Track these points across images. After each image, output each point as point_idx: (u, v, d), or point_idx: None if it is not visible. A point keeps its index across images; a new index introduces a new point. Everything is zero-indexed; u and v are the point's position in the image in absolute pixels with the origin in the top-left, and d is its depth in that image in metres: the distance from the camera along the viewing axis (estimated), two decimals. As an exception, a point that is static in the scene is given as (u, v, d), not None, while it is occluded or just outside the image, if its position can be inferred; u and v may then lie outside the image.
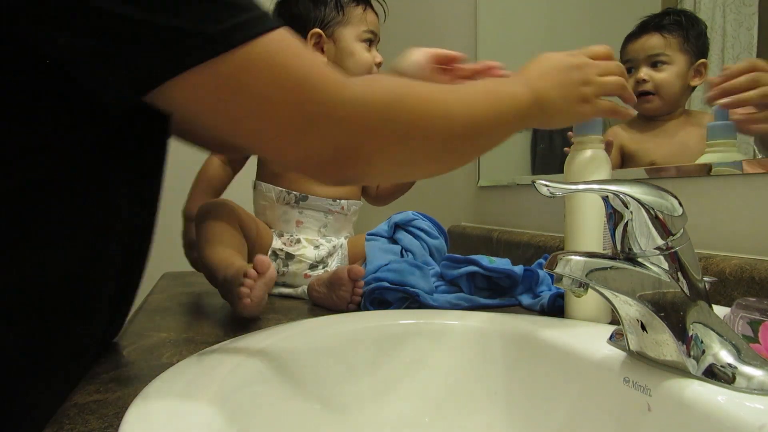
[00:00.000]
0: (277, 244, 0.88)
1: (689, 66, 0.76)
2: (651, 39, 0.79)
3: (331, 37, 0.90)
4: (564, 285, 0.39)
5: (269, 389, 0.46)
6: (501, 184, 1.16)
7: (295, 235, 0.89)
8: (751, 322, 0.42)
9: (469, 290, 0.75)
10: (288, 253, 0.88)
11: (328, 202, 0.91)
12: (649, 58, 0.79)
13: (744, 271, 0.57)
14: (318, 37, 0.89)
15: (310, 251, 0.89)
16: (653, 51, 0.79)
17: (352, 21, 0.90)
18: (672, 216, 0.38)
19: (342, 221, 0.93)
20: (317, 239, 0.90)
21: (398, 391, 0.54)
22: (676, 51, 0.77)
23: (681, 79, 0.77)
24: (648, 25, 0.80)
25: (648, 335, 0.40)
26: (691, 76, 0.75)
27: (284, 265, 0.88)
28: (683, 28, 0.76)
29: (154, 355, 0.52)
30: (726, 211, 0.65)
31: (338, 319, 0.58)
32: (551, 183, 0.38)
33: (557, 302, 0.66)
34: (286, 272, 0.88)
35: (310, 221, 0.91)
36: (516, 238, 1.00)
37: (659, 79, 0.78)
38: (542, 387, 0.51)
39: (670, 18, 0.78)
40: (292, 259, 0.88)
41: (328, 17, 0.89)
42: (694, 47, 0.75)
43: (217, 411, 0.36)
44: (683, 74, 0.76)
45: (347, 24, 0.90)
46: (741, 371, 0.36)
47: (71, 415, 0.38)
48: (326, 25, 0.90)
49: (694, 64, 0.75)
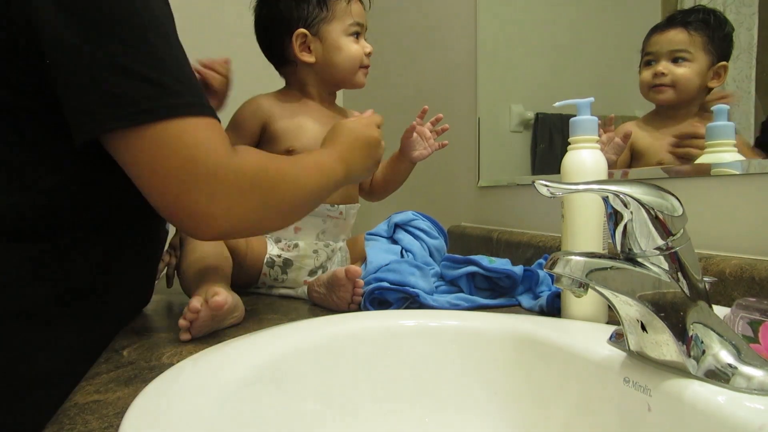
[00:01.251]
0: (274, 251, 0.87)
1: (709, 67, 0.75)
2: (676, 34, 0.78)
3: (317, 35, 0.89)
4: (564, 285, 0.39)
5: (269, 389, 0.46)
6: (501, 184, 1.16)
7: (293, 240, 0.89)
8: (751, 322, 0.42)
9: (469, 290, 0.75)
10: (287, 259, 0.87)
11: (326, 207, 0.90)
12: (671, 53, 0.78)
13: (744, 271, 0.57)
14: (303, 38, 0.88)
15: (310, 258, 0.88)
16: (676, 46, 0.78)
17: (337, 15, 0.88)
18: (672, 216, 0.38)
19: (341, 225, 0.93)
20: (316, 244, 0.90)
21: (398, 391, 0.54)
22: (699, 49, 0.76)
23: (699, 77, 0.75)
24: (675, 19, 0.79)
25: (648, 335, 0.39)
26: (710, 77, 0.74)
27: (282, 272, 0.87)
28: (710, 27, 0.75)
29: (154, 355, 0.52)
30: (726, 211, 0.65)
31: (338, 319, 0.58)
32: (551, 183, 0.38)
33: (555, 302, 0.66)
34: (285, 279, 0.87)
35: (309, 227, 0.90)
36: (516, 238, 1.00)
37: (678, 73, 0.77)
38: (542, 387, 0.51)
39: (698, 15, 0.76)
40: (291, 266, 0.87)
41: (312, 15, 0.88)
42: (718, 48, 0.74)
43: (217, 411, 0.36)
44: (703, 73, 0.75)
45: (332, 20, 0.88)
46: (741, 371, 0.36)
47: (71, 415, 0.38)
48: (311, 24, 0.88)
49: (714, 65, 0.74)
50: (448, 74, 1.40)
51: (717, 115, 0.69)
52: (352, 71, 0.91)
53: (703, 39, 0.76)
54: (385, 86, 1.70)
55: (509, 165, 1.18)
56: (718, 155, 0.68)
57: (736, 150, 0.67)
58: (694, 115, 0.77)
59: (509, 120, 1.15)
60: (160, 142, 0.53)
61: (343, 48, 0.89)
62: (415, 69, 1.59)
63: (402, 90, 1.67)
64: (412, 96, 1.61)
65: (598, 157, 0.59)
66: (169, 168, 0.53)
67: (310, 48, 0.89)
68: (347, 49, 0.89)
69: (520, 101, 1.15)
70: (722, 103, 0.69)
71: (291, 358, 0.50)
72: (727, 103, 0.69)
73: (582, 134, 0.60)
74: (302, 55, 0.89)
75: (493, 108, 1.21)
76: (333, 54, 0.89)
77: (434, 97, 1.47)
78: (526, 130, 1.13)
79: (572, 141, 0.60)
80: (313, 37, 0.88)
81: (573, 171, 0.59)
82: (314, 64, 0.90)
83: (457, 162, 1.32)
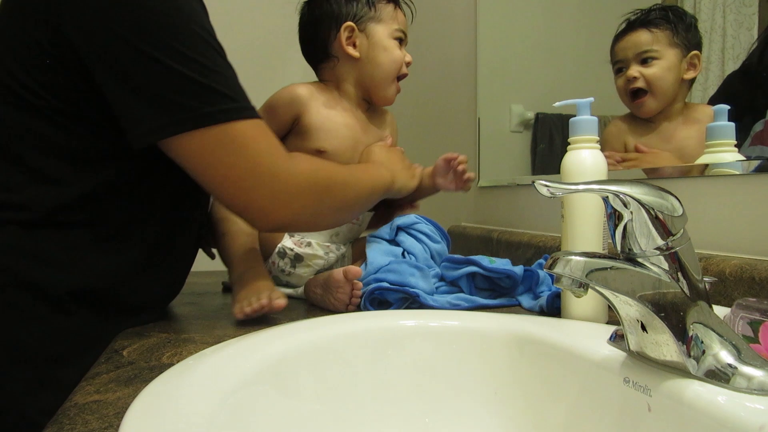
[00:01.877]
0: (288, 243, 0.86)
1: (681, 59, 0.75)
2: (638, 36, 0.79)
3: (364, 31, 0.89)
4: (564, 285, 0.39)
5: (269, 389, 0.46)
6: (501, 184, 1.16)
7: (306, 238, 0.87)
8: (751, 323, 0.42)
9: (470, 290, 0.75)
10: (298, 254, 0.86)
11: None
12: (638, 56, 0.79)
13: (744, 271, 0.57)
14: (350, 31, 0.88)
15: (320, 258, 0.87)
16: (641, 47, 0.78)
17: (384, 18, 0.90)
18: (672, 216, 0.38)
19: (354, 231, 0.92)
20: (328, 246, 0.88)
21: (398, 391, 0.54)
22: (665, 45, 0.76)
23: (672, 72, 0.76)
24: (634, 22, 0.80)
25: (648, 335, 0.39)
26: (685, 68, 0.75)
27: (291, 265, 0.86)
28: (670, 21, 0.76)
29: (154, 355, 0.52)
30: (726, 211, 0.65)
31: (338, 319, 0.58)
32: (551, 183, 0.38)
33: (555, 302, 0.66)
34: (291, 273, 0.86)
35: None
36: (516, 238, 1.00)
37: (649, 74, 0.78)
38: (542, 387, 0.51)
39: (656, 13, 0.78)
40: (301, 262, 0.86)
41: (360, 12, 0.89)
42: (685, 40, 0.75)
43: (217, 411, 0.36)
44: (674, 67, 0.76)
45: (379, 20, 0.89)
46: (741, 371, 0.36)
47: (71, 415, 0.38)
48: (359, 20, 0.89)
49: (686, 56, 0.75)
50: (448, 74, 1.40)
51: (717, 116, 0.69)
52: (392, 77, 0.91)
53: (667, 33, 0.76)
54: (385, 86, 1.70)
55: (509, 165, 1.18)
56: (718, 155, 0.68)
57: (736, 150, 0.67)
58: (679, 111, 0.77)
59: (509, 120, 1.15)
60: (223, 143, 0.58)
61: (388, 48, 0.89)
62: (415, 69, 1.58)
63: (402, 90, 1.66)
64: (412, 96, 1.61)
65: (598, 157, 0.59)
66: (234, 168, 0.59)
67: (355, 43, 0.89)
68: (392, 51, 0.90)
69: (520, 101, 1.15)
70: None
71: (291, 358, 0.50)
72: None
73: (582, 134, 0.60)
74: (348, 48, 0.88)
75: (493, 108, 1.21)
76: (378, 52, 0.89)
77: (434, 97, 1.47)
78: (526, 130, 1.13)
79: (572, 141, 0.60)
80: (360, 33, 0.89)
81: (573, 171, 0.59)
82: (358, 60, 0.89)
83: (457, 162, 1.32)
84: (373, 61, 0.89)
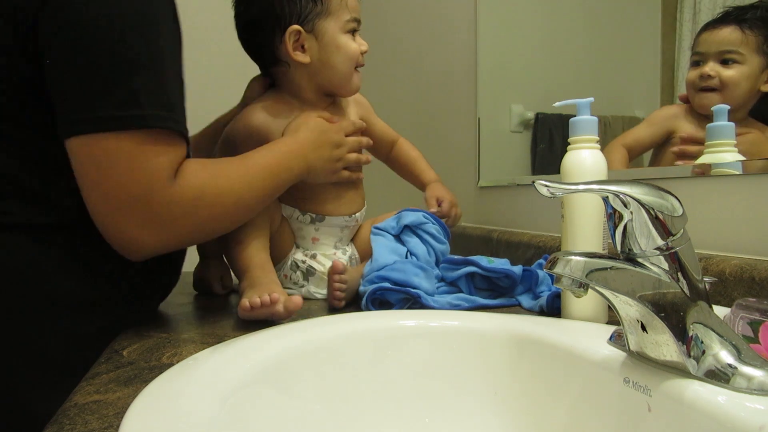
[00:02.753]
0: (299, 256, 0.84)
1: (763, 69, 0.68)
2: (729, 32, 0.71)
3: (312, 32, 0.80)
4: (564, 285, 0.39)
5: (269, 389, 0.46)
6: (501, 184, 1.16)
7: (311, 251, 0.85)
8: (751, 323, 0.42)
9: (469, 291, 0.75)
10: (310, 267, 0.83)
11: (344, 219, 0.86)
12: (720, 54, 0.71)
13: (744, 271, 0.57)
14: (297, 35, 0.79)
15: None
16: (726, 47, 0.71)
17: (332, 10, 0.80)
18: (672, 216, 0.38)
19: (354, 229, 0.91)
20: (334, 254, 0.87)
21: (398, 391, 0.54)
22: (751, 50, 0.69)
23: (750, 81, 0.69)
24: (729, 16, 0.71)
25: (648, 335, 0.39)
26: (764, 80, 0.68)
27: (304, 278, 0.83)
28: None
29: (154, 355, 0.52)
30: (726, 211, 0.65)
31: (339, 319, 0.58)
32: (551, 183, 0.38)
33: (555, 302, 0.66)
34: (305, 285, 0.83)
35: (327, 238, 0.86)
36: (516, 238, 1.00)
37: (726, 76, 0.71)
38: (542, 387, 0.51)
39: (756, 12, 0.69)
40: (314, 275, 0.83)
41: (306, 10, 0.79)
42: None
43: (217, 411, 0.36)
44: (754, 77, 0.69)
45: (328, 14, 0.80)
46: (741, 371, 0.36)
47: (71, 415, 0.38)
48: (305, 20, 0.79)
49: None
50: (448, 74, 1.40)
51: (717, 116, 0.69)
52: (349, 73, 0.83)
53: (758, 39, 0.68)
54: (384, 86, 1.70)
55: (509, 165, 1.18)
56: (718, 155, 0.68)
57: (736, 150, 0.67)
58: (741, 120, 0.70)
59: (509, 120, 1.15)
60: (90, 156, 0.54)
61: (341, 47, 0.81)
62: (415, 69, 1.59)
63: (402, 90, 1.67)
64: (412, 96, 1.61)
65: (598, 157, 0.59)
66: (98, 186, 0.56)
67: (304, 47, 0.80)
68: (346, 48, 0.81)
69: (520, 101, 1.15)
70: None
71: (291, 358, 0.50)
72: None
73: (582, 134, 0.60)
74: (296, 54, 0.79)
75: (493, 108, 1.21)
76: (330, 54, 0.81)
77: (434, 97, 1.47)
78: (526, 130, 1.13)
79: (572, 141, 0.60)
80: (307, 35, 0.79)
81: (573, 171, 0.59)
82: (309, 65, 0.81)
83: (457, 162, 1.32)
84: (326, 64, 0.81)
